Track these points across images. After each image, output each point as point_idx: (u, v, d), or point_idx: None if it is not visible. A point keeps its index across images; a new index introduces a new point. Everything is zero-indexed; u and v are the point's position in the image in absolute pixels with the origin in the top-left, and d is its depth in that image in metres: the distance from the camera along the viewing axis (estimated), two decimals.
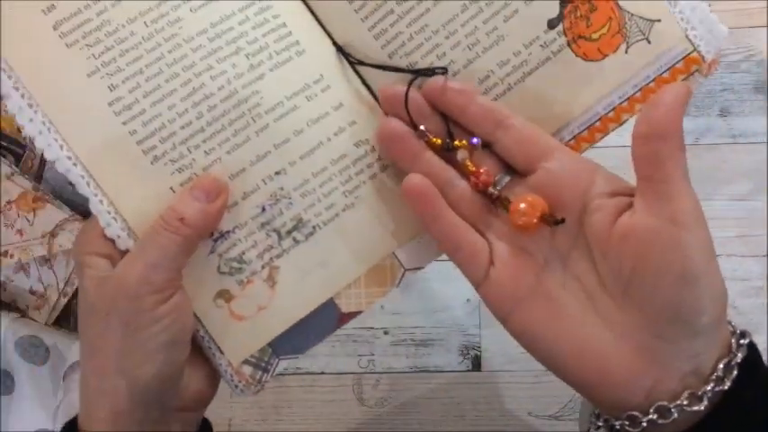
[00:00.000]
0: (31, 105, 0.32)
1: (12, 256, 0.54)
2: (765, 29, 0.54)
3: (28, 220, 0.53)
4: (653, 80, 0.32)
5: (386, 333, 0.56)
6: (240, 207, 0.34)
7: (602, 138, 0.34)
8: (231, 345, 0.34)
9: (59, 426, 0.35)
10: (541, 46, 0.32)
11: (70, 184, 0.33)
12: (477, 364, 0.56)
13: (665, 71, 0.32)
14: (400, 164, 0.33)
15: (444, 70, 0.32)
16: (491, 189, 0.32)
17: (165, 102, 0.33)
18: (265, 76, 0.33)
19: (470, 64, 0.33)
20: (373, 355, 0.56)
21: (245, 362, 0.35)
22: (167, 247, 0.31)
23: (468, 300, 0.55)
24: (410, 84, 0.32)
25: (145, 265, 0.31)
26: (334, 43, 0.34)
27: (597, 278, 0.30)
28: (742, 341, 0.29)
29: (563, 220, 0.30)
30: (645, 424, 0.29)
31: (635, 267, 0.29)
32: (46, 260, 0.54)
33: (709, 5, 0.32)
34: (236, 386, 0.35)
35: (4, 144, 0.54)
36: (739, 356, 0.29)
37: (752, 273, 0.55)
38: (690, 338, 0.29)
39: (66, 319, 0.54)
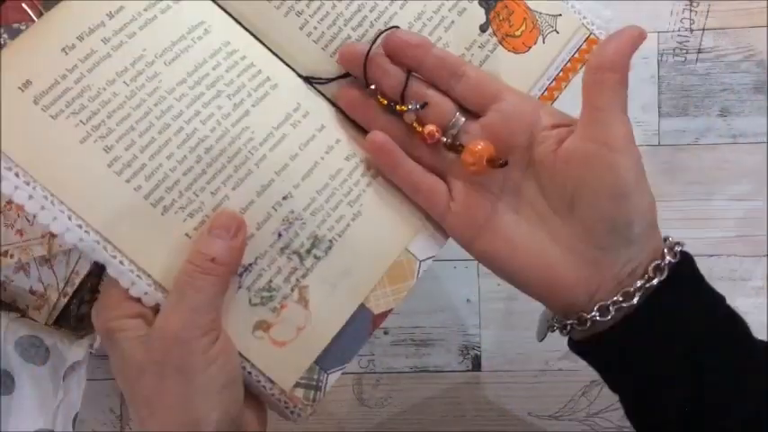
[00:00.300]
0: (27, 183, 0.32)
1: (12, 256, 0.54)
2: (765, 29, 0.54)
3: (28, 220, 0.53)
4: (569, 61, 0.39)
5: (386, 333, 0.56)
6: (257, 238, 0.35)
7: None
8: (280, 372, 0.35)
9: (60, 426, 0.35)
10: (479, 47, 0.38)
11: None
12: (477, 364, 0.56)
13: (575, 52, 0.39)
14: (364, 126, 0.37)
15: (397, 28, 0.36)
16: (443, 139, 0.36)
17: (163, 152, 0.33)
18: (250, 112, 0.35)
19: None
20: (373, 355, 0.56)
21: (296, 385, 0.35)
22: (205, 288, 0.32)
23: (468, 300, 0.55)
24: (372, 44, 0.35)
25: (188, 310, 0.31)
26: (299, 75, 0.37)
27: (546, 201, 0.35)
28: (677, 248, 0.34)
29: (506, 163, 0.34)
30: (589, 322, 0.34)
31: (576, 187, 0.33)
32: (46, 260, 0.54)
33: None
34: (292, 412, 0.35)
35: None
36: (668, 259, 0.33)
37: (752, 273, 0.55)
38: (625, 246, 0.33)
39: (66, 319, 0.54)
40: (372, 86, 0.36)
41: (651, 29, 0.55)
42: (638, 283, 0.33)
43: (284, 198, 0.35)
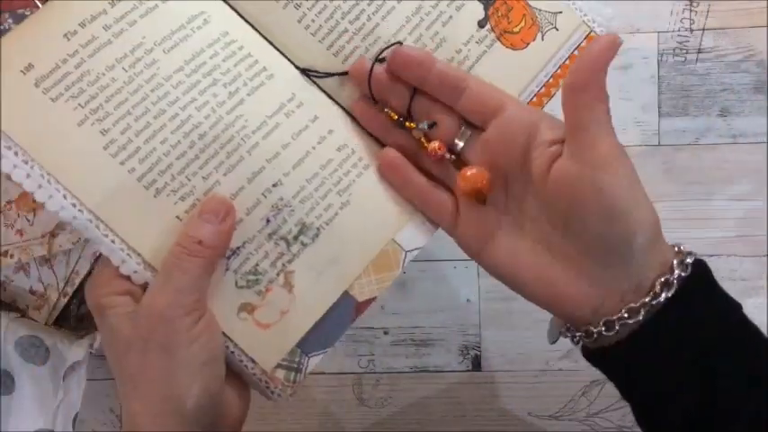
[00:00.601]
0: (26, 162, 0.33)
1: (12, 256, 0.54)
2: (765, 29, 0.54)
3: (28, 220, 0.53)
4: (567, 58, 0.39)
5: (386, 333, 0.56)
6: (246, 223, 0.35)
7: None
8: (262, 353, 0.36)
9: (60, 426, 0.35)
10: (477, 42, 0.38)
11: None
12: (477, 364, 0.56)
13: (574, 49, 0.39)
14: (377, 137, 0.38)
15: (399, 44, 0.37)
16: (446, 156, 0.36)
17: (158, 137, 0.34)
18: (245, 100, 0.36)
19: None
20: (373, 355, 0.56)
21: (278, 366, 0.36)
22: (191, 270, 0.33)
23: (468, 300, 0.55)
24: (374, 61, 0.36)
25: (173, 290, 0.32)
26: (297, 67, 0.37)
27: (546, 217, 0.34)
28: (687, 260, 0.33)
29: (484, 202, 0.35)
30: (595, 335, 0.33)
31: (567, 208, 0.33)
32: (46, 260, 0.54)
33: None
34: (273, 392, 0.36)
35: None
36: (677, 273, 0.32)
37: (752, 273, 0.55)
38: (625, 263, 0.32)
39: (66, 319, 0.54)
40: (386, 109, 0.37)
41: (651, 29, 0.55)
42: (644, 300, 0.32)
43: (274, 185, 0.36)
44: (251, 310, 0.36)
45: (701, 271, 0.33)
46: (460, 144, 0.36)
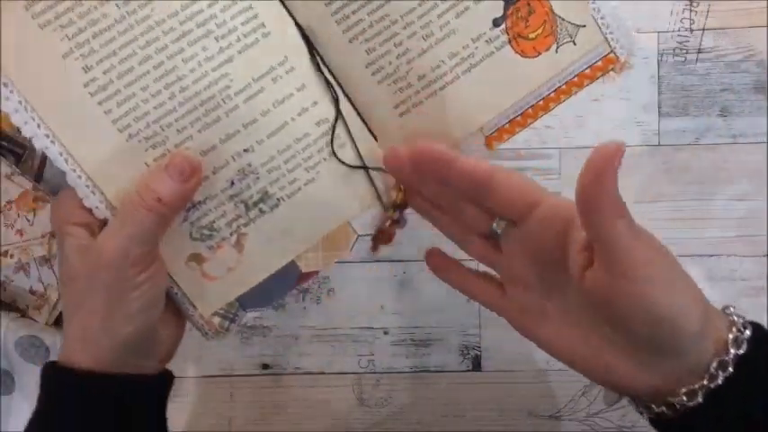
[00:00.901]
0: (6, 84, 0.33)
1: (12, 256, 0.54)
2: (765, 29, 0.54)
3: (28, 220, 0.53)
4: (576, 75, 0.37)
5: (386, 333, 0.56)
6: (211, 180, 0.36)
7: (532, 123, 0.38)
8: (203, 301, 0.38)
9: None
10: (486, 41, 0.36)
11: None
12: (477, 364, 0.56)
13: (586, 68, 0.37)
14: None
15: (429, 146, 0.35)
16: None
17: (139, 83, 0.34)
18: (234, 58, 0.35)
19: (424, 53, 0.36)
20: (373, 355, 0.56)
21: (215, 314, 0.39)
22: (144, 223, 0.34)
23: (468, 300, 0.55)
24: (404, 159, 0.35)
25: (125, 238, 0.33)
26: (297, 24, 0.36)
27: (591, 313, 0.33)
28: (743, 335, 0.31)
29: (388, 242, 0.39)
30: (655, 411, 0.32)
31: (609, 314, 0.31)
32: (46, 260, 0.54)
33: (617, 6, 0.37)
34: (207, 333, 0.39)
35: (5, 144, 0.54)
36: (732, 353, 0.31)
37: (752, 273, 0.55)
38: (678, 354, 0.31)
39: None
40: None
41: (651, 29, 0.55)
42: (702, 383, 0.31)
43: (245, 150, 0.36)
44: (200, 261, 0.37)
45: (759, 337, 0.32)
46: (498, 231, 0.36)
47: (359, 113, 0.38)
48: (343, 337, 0.56)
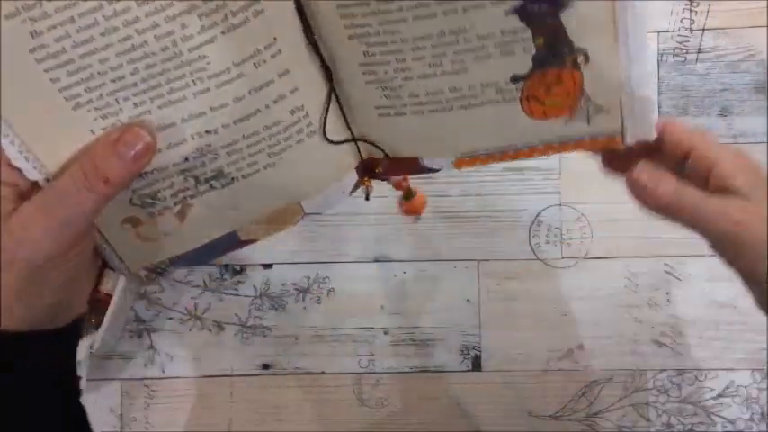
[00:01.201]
0: None
1: None
2: (765, 29, 0.54)
3: None
4: (574, 141, 0.35)
5: (386, 333, 0.56)
6: (163, 155, 0.33)
7: (510, 161, 0.37)
8: (132, 257, 0.37)
9: None
10: (496, 91, 0.33)
11: None
12: (477, 364, 0.56)
13: (587, 138, 0.35)
14: None
15: None
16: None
17: (97, 55, 0.30)
18: (216, 39, 0.31)
19: (426, 78, 0.33)
20: (373, 355, 0.56)
21: (144, 268, 0.38)
22: (85, 205, 0.31)
23: (468, 300, 0.55)
24: None
25: (58, 223, 0.31)
26: (297, 4, 0.32)
27: None
28: None
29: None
30: None
31: None
32: None
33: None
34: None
35: None
36: None
37: None
38: None
39: None
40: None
41: (651, 29, 0.55)
42: None
43: (207, 132, 0.33)
44: (136, 224, 0.35)
45: None
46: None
47: (338, 101, 0.36)
48: (343, 337, 0.56)
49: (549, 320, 0.54)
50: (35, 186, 0.32)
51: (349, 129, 0.37)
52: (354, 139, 0.37)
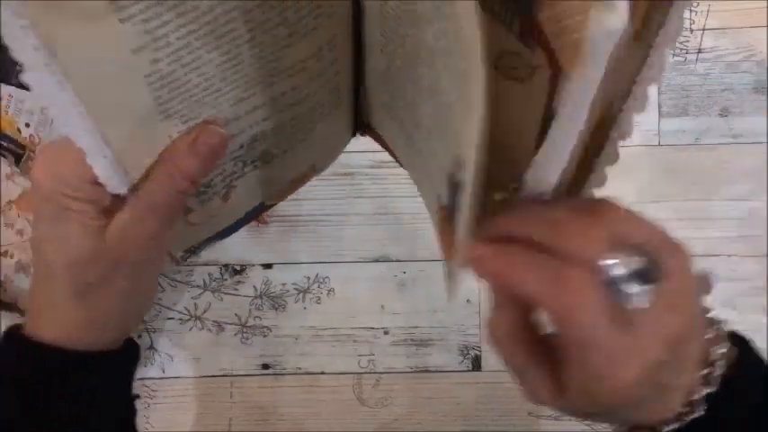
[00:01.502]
0: (47, 65, 0.25)
1: (12, 256, 0.54)
2: (765, 29, 0.54)
3: (28, 220, 0.53)
4: None
5: (386, 333, 0.56)
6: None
7: None
8: (176, 243, 0.39)
9: None
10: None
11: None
12: (477, 364, 0.56)
13: None
14: None
15: None
16: None
17: (200, 70, 0.29)
18: (292, 45, 0.31)
19: (430, 112, 0.31)
20: (373, 355, 0.56)
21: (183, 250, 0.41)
22: (173, 206, 0.32)
23: (468, 300, 0.55)
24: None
25: (146, 236, 0.32)
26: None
27: None
28: (717, 367, 0.31)
29: None
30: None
31: None
32: None
33: None
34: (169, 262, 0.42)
35: (4, 144, 0.54)
36: (702, 392, 0.30)
37: (752, 273, 0.55)
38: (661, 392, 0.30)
39: None
40: None
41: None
42: (684, 409, 0.31)
43: (264, 119, 0.34)
44: (187, 212, 0.36)
45: (741, 360, 0.31)
46: None
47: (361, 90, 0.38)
48: (343, 337, 0.56)
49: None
50: (116, 198, 0.31)
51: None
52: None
